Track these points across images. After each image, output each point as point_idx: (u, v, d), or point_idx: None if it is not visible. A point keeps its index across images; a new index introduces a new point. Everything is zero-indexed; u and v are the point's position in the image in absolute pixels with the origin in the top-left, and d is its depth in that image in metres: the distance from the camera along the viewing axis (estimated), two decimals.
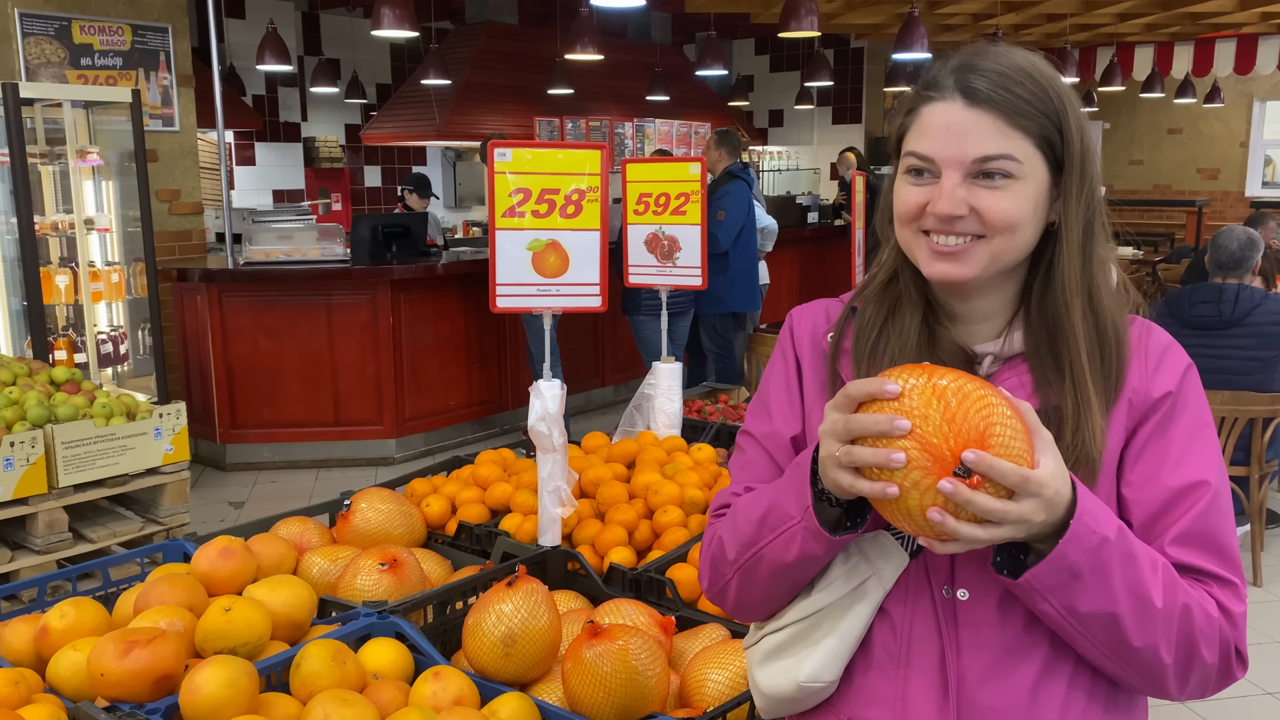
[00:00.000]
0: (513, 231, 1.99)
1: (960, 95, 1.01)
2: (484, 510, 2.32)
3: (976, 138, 1.00)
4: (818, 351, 1.16)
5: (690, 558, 1.99)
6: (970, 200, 1.01)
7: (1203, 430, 1.07)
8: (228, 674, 1.43)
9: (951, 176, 1.01)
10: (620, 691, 1.50)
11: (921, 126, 1.03)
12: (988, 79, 1.01)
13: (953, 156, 1.01)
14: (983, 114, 1.00)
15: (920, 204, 1.03)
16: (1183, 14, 9.40)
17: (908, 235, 1.07)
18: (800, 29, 5.09)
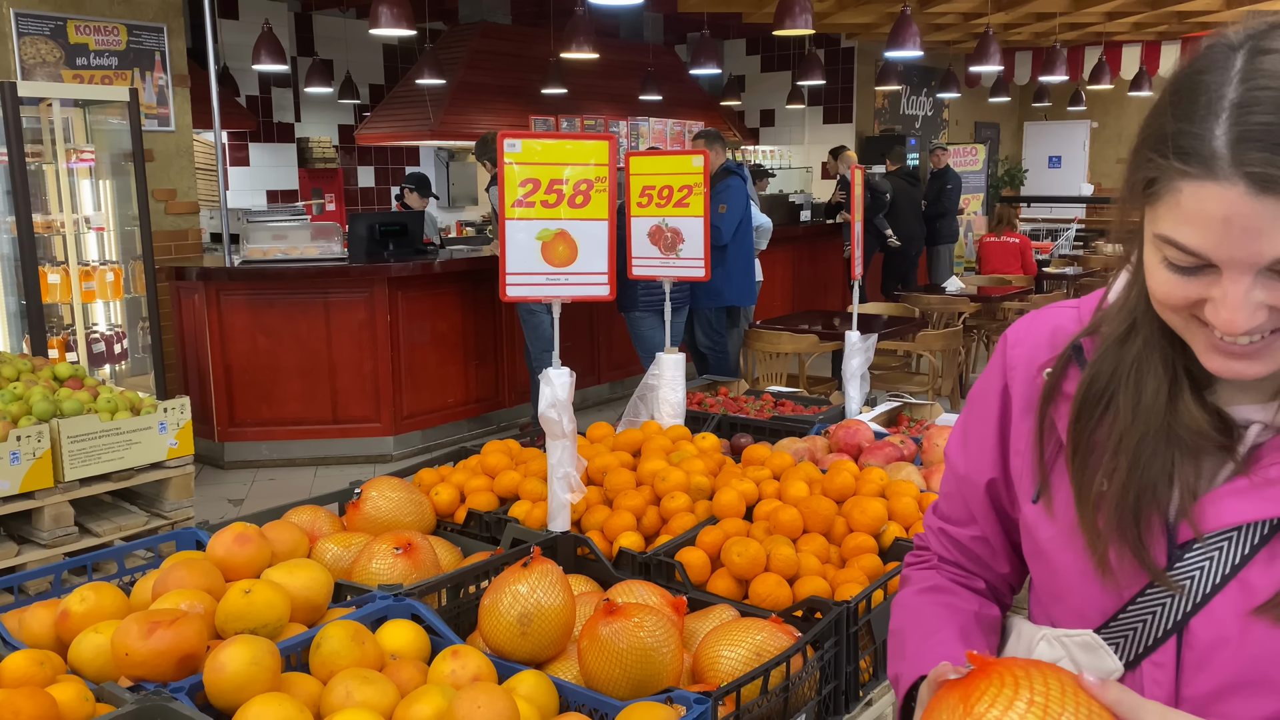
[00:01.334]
0: (522, 221, 2.02)
1: (1245, 181, 0.71)
2: (493, 498, 2.34)
3: (1276, 235, 0.72)
4: (1032, 384, 0.97)
5: (699, 541, 2.02)
6: (1269, 300, 0.76)
7: None
8: (252, 653, 1.46)
9: (1239, 281, 0.75)
10: (636, 667, 1.53)
11: (1182, 210, 0.75)
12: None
13: (1240, 259, 0.74)
14: (1249, 198, 0.71)
15: (1190, 299, 0.79)
16: (1170, 13, 9.49)
17: (1175, 319, 0.83)
18: (795, 27, 5.13)
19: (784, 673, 1.58)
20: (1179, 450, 0.85)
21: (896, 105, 12.43)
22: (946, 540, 1.10)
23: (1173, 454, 0.85)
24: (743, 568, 1.92)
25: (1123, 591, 0.88)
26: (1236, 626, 0.83)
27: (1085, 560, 0.89)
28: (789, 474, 2.27)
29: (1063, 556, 0.92)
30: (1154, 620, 0.87)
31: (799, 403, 3.40)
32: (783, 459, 2.38)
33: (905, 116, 12.61)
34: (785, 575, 1.91)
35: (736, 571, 1.93)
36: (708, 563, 1.99)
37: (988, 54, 7.22)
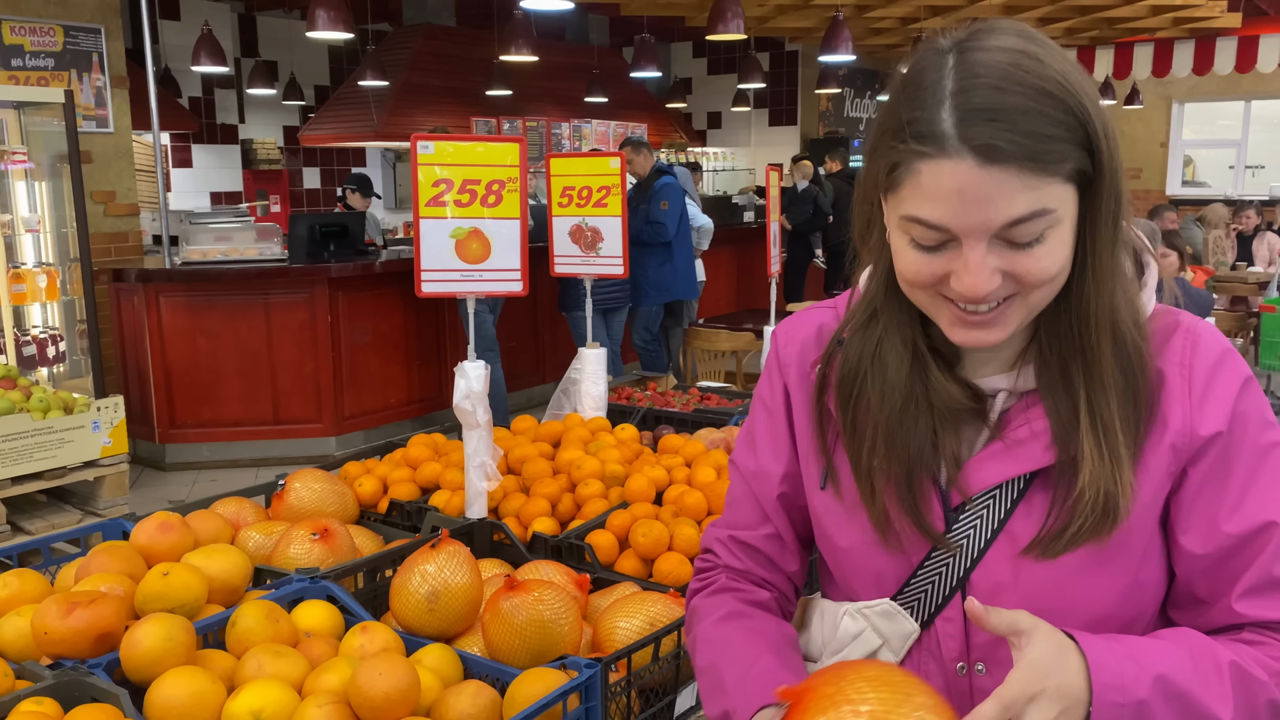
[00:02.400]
0: (436, 220, 2.11)
1: (971, 154, 0.79)
2: (415, 488, 2.43)
3: (1002, 201, 0.80)
4: (806, 379, 1.04)
5: (608, 524, 2.13)
6: (1002, 266, 0.84)
7: (1266, 459, 0.91)
8: (166, 629, 1.54)
9: (976, 248, 0.83)
10: (535, 638, 1.63)
11: (922, 189, 0.83)
12: (1003, 123, 0.79)
13: (974, 225, 0.82)
14: (1005, 171, 0.80)
15: (936, 275, 0.86)
16: (1099, 19, 9.78)
17: (922, 298, 0.90)
18: (728, 31, 5.26)
19: (675, 641, 1.69)
20: (939, 422, 0.94)
21: (841, 108, 12.65)
22: (736, 547, 1.11)
23: (933, 425, 0.94)
24: (647, 548, 2.02)
25: (910, 558, 0.97)
26: (1009, 572, 0.93)
27: (873, 534, 0.97)
28: (699, 461, 2.38)
29: (854, 534, 1.00)
30: (940, 581, 0.96)
31: (725, 397, 3.52)
32: (696, 447, 2.50)
33: (849, 119, 12.84)
34: (688, 554, 2.02)
35: (642, 551, 2.04)
36: (616, 544, 2.10)
37: None
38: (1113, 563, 0.91)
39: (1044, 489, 0.93)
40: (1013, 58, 0.82)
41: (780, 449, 1.07)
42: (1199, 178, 15.01)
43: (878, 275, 0.97)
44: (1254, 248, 8.45)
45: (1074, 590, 0.91)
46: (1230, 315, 6.23)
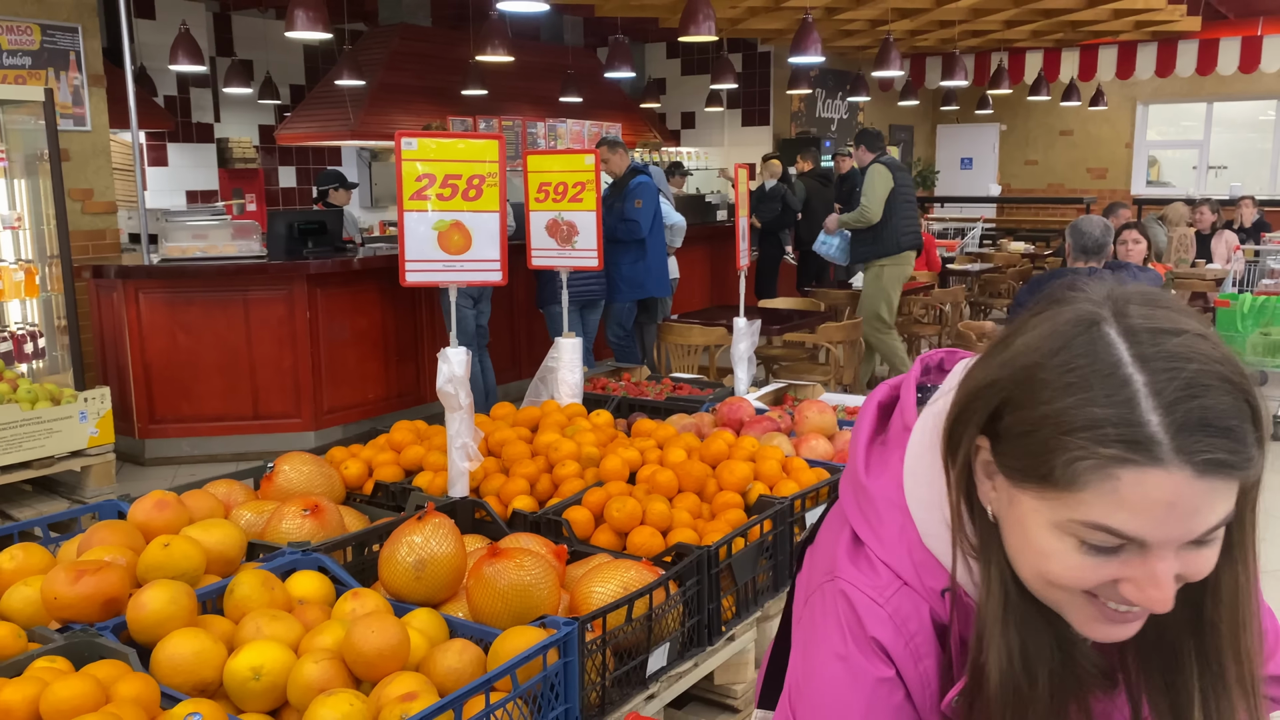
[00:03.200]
0: (419, 213, 2.22)
1: (1190, 468, 0.72)
2: (399, 471, 2.53)
3: (1208, 513, 0.74)
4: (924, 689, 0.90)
5: (584, 501, 2.24)
6: (1179, 569, 0.77)
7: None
8: (170, 593, 1.64)
9: (1167, 558, 0.76)
10: (516, 601, 1.75)
11: (1122, 497, 0.74)
12: (1220, 433, 0.72)
13: (1176, 537, 0.75)
14: (1217, 482, 0.73)
15: (1103, 580, 0.78)
16: (1063, 21, 10.00)
17: (1060, 596, 0.82)
18: (699, 33, 5.39)
19: (647, 604, 1.81)
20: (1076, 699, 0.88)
21: (813, 108, 12.81)
22: None
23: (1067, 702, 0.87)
24: (621, 522, 2.14)
25: None
26: None
27: None
28: (670, 442, 2.50)
29: None
30: None
31: (697, 386, 3.64)
32: (667, 430, 2.62)
33: (821, 119, 13.01)
34: (659, 528, 2.14)
35: (616, 525, 2.15)
36: (592, 520, 2.21)
37: (889, 60, 7.58)
38: None
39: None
40: (1191, 340, 0.75)
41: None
42: (1164, 178, 15.32)
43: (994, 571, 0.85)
44: (1212, 245, 8.69)
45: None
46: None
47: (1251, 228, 9.39)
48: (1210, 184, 14.52)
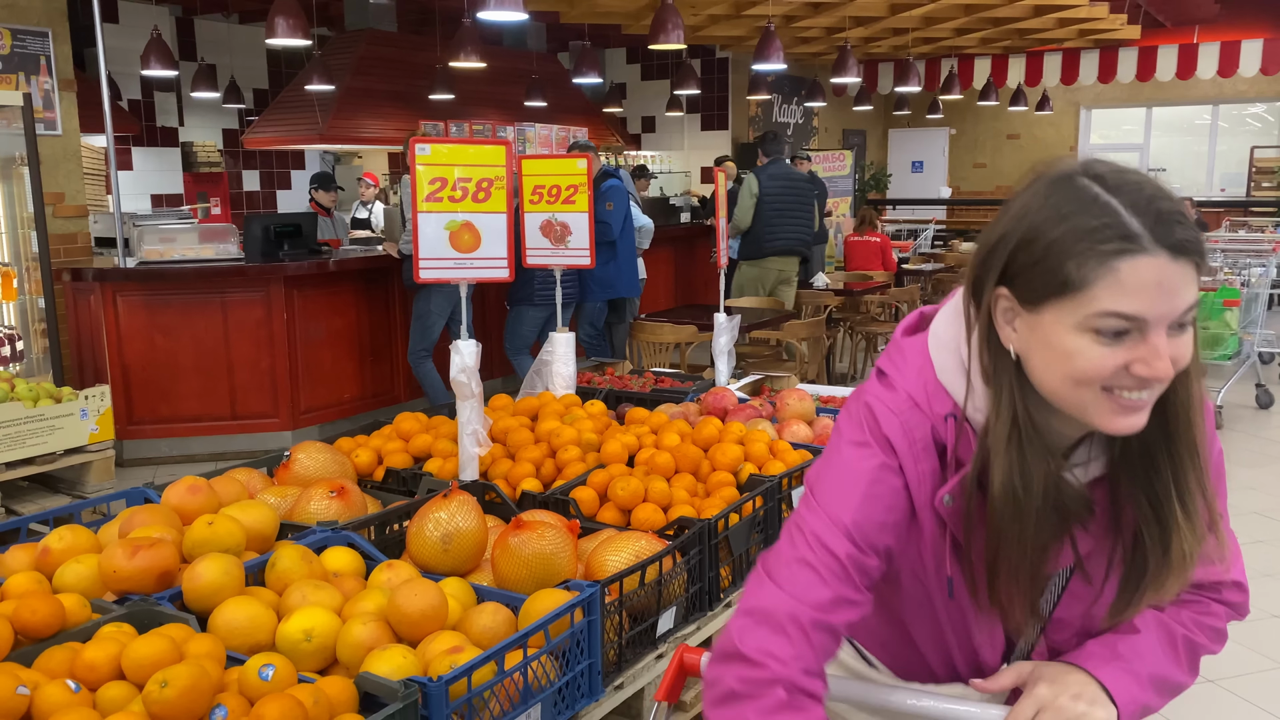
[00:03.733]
0: (432, 214, 2.37)
1: (1166, 250, 0.92)
2: (408, 458, 2.68)
3: (1185, 291, 0.94)
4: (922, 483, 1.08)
5: (589, 482, 2.41)
6: (1173, 352, 0.96)
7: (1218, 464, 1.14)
8: (223, 565, 1.78)
9: (1161, 334, 0.95)
10: (539, 568, 1.91)
11: (1122, 283, 0.93)
12: (1184, 225, 0.94)
13: (1164, 314, 0.94)
14: (1186, 265, 0.94)
15: (1118, 365, 0.95)
16: (1012, 30, 10.35)
17: (1087, 396, 0.98)
18: (669, 42, 5.58)
19: (658, 570, 1.98)
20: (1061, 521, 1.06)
21: (769, 113, 13.07)
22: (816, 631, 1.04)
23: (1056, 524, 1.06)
24: (625, 499, 2.31)
25: (995, 646, 1.18)
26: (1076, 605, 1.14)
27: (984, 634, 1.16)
28: (665, 428, 2.67)
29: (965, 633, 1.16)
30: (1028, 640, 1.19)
31: (677, 379, 3.82)
32: (660, 418, 2.79)
33: (778, 124, 13.27)
34: (661, 504, 2.31)
35: (620, 503, 2.32)
36: (597, 499, 2.38)
37: (846, 67, 7.83)
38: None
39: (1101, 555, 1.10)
40: (1140, 176, 0.97)
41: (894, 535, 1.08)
42: None
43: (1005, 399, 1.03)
44: None
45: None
46: None
47: None
48: None
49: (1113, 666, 1.09)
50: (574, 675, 1.77)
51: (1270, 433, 6.63)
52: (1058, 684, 1.08)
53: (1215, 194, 14.56)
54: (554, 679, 1.72)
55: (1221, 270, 7.90)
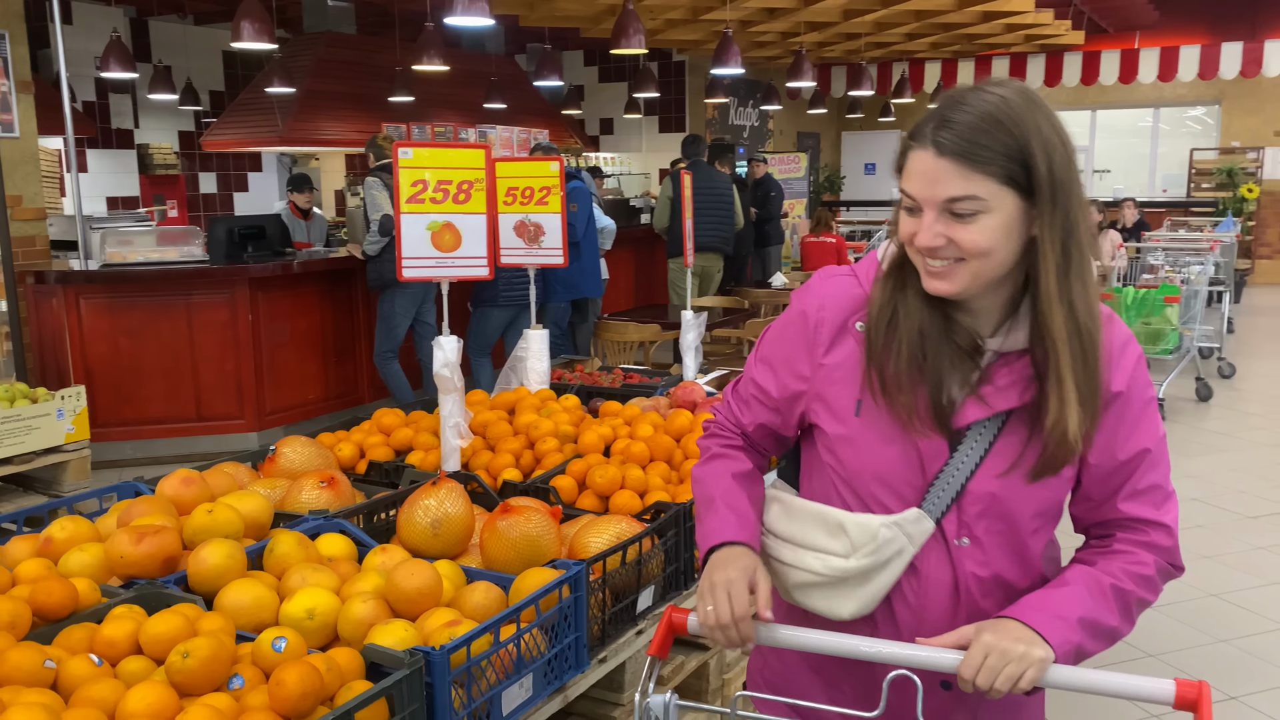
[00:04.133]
0: (415, 215, 2.46)
1: (932, 146, 1.18)
2: (389, 451, 2.77)
3: (945, 182, 1.17)
4: (841, 332, 1.34)
5: (568, 471, 2.52)
6: (947, 233, 1.19)
7: (1147, 408, 1.30)
8: (227, 549, 1.86)
9: (929, 214, 1.20)
10: (526, 549, 2.02)
11: (909, 170, 1.21)
12: (955, 131, 1.16)
13: (927, 198, 1.19)
14: (948, 162, 1.17)
15: (911, 233, 1.22)
16: (961, 35, 10.62)
17: (913, 255, 1.25)
18: (630, 46, 5.70)
19: (638, 550, 2.10)
20: (954, 354, 1.26)
21: (726, 116, 13.25)
22: (735, 425, 1.50)
23: (949, 354, 1.26)
24: (604, 486, 2.43)
25: (927, 472, 1.30)
26: (994, 486, 1.28)
27: (899, 452, 1.29)
28: (638, 420, 2.79)
29: (883, 452, 1.31)
30: (947, 491, 1.29)
31: (645, 375, 3.94)
32: (633, 410, 2.91)
33: (734, 126, 13.46)
34: (637, 491, 2.43)
35: (599, 490, 2.44)
36: (576, 487, 2.49)
37: (801, 71, 8.01)
38: (1059, 478, 1.29)
39: (1021, 425, 1.27)
40: (994, 98, 1.18)
41: (798, 378, 1.37)
42: None
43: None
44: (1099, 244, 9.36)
45: (1031, 497, 1.29)
46: None
47: (1133, 227, 10.14)
48: (1096, 186, 15.44)
49: (1044, 614, 1.23)
50: (562, 648, 1.88)
51: (1210, 424, 6.92)
52: (999, 632, 1.21)
53: (1158, 195, 15.01)
54: (544, 651, 1.83)
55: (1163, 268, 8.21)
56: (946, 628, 1.29)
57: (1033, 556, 1.34)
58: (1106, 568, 1.30)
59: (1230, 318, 10.43)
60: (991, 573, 1.31)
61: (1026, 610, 1.25)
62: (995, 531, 1.31)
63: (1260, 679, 3.44)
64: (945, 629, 1.29)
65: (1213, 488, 5.51)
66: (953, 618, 1.32)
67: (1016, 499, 1.29)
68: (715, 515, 1.41)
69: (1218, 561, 4.40)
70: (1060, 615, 1.23)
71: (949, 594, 1.32)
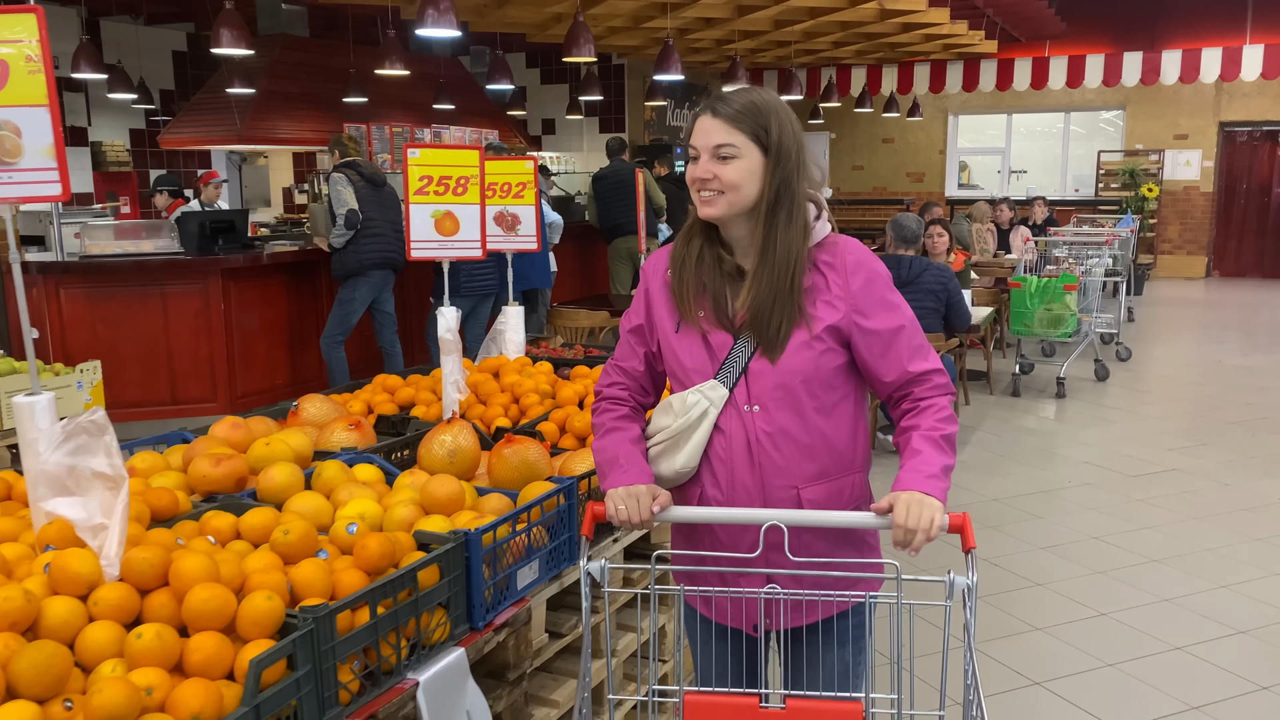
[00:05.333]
0: (421, 205, 2.94)
1: (709, 112, 1.78)
2: (394, 406, 3.23)
3: (715, 134, 1.75)
4: (660, 278, 1.92)
5: (551, 418, 3.01)
6: (714, 169, 1.76)
7: (888, 297, 1.82)
8: (289, 469, 2.32)
9: (704, 157, 1.78)
10: (527, 472, 2.51)
11: (695, 130, 1.80)
12: (726, 104, 1.76)
13: (704, 145, 1.77)
14: (719, 122, 1.75)
15: (695, 178, 1.79)
16: (884, 43, 11.32)
17: (694, 193, 1.81)
18: (580, 55, 6.20)
19: None
20: (726, 278, 1.84)
21: (663, 117, 13.81)
22: (621, 374, 2.00)
23: (718, 280, 1.84)
24: (582, 429, 2.93)
25: (718, 357, 1.84)
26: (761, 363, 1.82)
27: (700, 347, 1.85)
28: None
29: (690, 350, 1.87)
30: (735, 366, 1.83)
31: (601, 349, 4.45)
32: (599, 372, 3.41)
33: (671, 127, 14.02)
34: None
35: (577, 433, 2.94)
36: (558, 431, 2.99)
37: (736, 76, 8.59)
38: (806, 351, 1.81)
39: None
40: (754, 92, 1.80)
41: (643, 314, 1.96)
42: (974, 181, 17.12)
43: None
44: (1010, 238, 10.13)
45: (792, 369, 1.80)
46: (989, 291, 7.69)
47: (1043, 223, 10.92)
48: (1012, 186, 16.35)
49: (921, 479, 1.72)
50: (559, 543, 2.38)
51: (1106, 400, 7.66)
52: (907, 498, 1.69)
53: (1070, 194, 15.96)
54: (546, 543, 2.33)
55: (1066, 260, 8.96)
56: (749, 474, 1.83)
57: (810, 415, 1.83)
58: (928, 424, 1.81)
59: (1130, 307, 11.31)
60: (776, 428, 1.81)
61: (912, 481, 1.74)
62: (775, 399, 1.82)
63: (1122, 600, 4.08)
64: (748, 476, 1.83)
65: (1104, 453, 6.20)
66: (751, 467, 1.82)
67: (781, 371, 1.81)
68: (621, 471, 1.89)
69: (1101, 513, 5.06)
70: (930, 475, 1.73)
71: (745, 447, 1.83)
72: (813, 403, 1.83)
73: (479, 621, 2.08)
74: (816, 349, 1.82)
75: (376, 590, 1.81)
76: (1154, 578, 4.27)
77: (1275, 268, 15.32)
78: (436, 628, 1.98)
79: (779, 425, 1.83)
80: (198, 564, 1.71)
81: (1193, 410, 7.28)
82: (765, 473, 1.84)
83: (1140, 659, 3.55)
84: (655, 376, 2.02)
